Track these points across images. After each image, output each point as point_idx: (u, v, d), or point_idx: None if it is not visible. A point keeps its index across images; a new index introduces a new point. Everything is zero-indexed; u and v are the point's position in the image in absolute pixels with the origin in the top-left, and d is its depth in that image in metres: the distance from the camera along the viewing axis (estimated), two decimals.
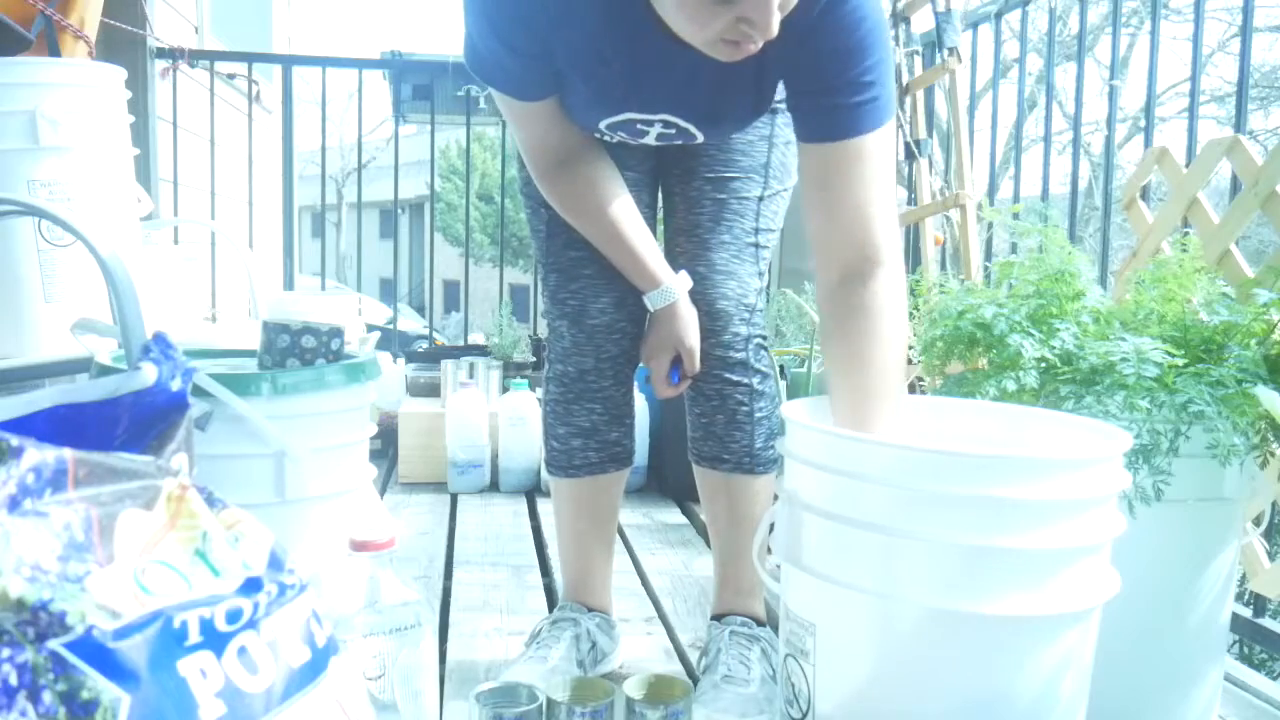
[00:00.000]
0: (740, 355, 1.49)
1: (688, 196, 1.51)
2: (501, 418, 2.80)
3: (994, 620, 1.00)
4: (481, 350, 3.41)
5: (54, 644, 0.65)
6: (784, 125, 1.49)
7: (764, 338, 1.52)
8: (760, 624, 1.55)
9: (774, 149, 1.50)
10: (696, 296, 1.47)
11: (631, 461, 1.63)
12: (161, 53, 3.53)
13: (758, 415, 1.51)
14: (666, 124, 1.38)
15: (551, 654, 1.49)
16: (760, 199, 1.50)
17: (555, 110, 1.39)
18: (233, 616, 0.74)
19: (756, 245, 1.50)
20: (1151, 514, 1.20)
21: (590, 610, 1.59)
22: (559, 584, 1.73)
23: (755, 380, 1.50)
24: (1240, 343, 1.30)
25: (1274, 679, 1.68)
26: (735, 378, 1.49)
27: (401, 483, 2.84)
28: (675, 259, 1.51)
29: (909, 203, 2.75)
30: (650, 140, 1.42)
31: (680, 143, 1.45)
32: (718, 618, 1.56)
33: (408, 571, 2.06)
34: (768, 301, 3.38)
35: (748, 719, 1.37)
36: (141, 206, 2.39)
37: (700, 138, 1.42)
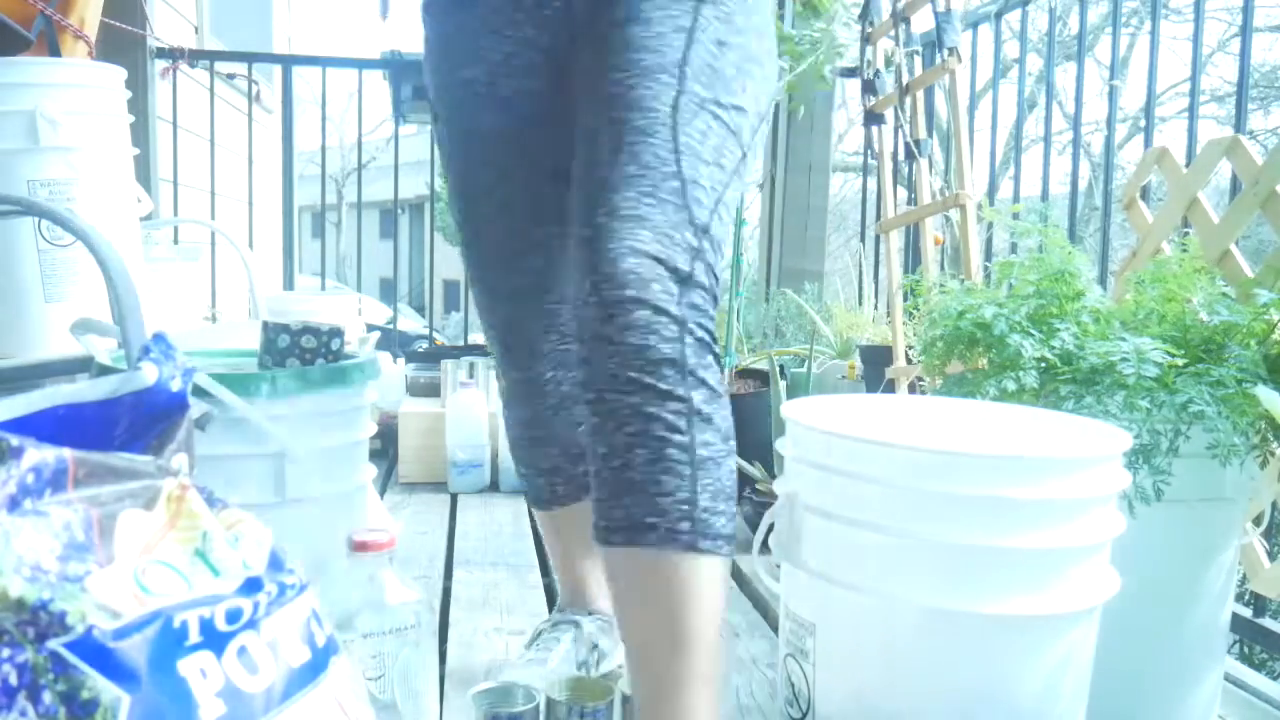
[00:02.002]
0: (667, 351, 0.95)
1: (587, 130, 1.10)
2: (501, 417, 2.79)
3: (994, 620, 1.00)
4: (481, 350, 3.41)
5: (54, 644, 0.65)
6: (713, 19, 1.10)
7: (709, 332, 1.00)
8: None
9: (694, 46, 1.08)
10: (595, 258, 0.97)
11: None
12: (161, 53, 3.53)
13: (700, 453, 0.97)
14: None
15: (552, 655, 1.48)
16: (675, 107, 1.04)
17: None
18: (233, 616, 0.74)
19: (682, 179, 1.01)
20: (1151, 514, 1.20)
21: (591, 613, 1.59)
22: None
23: (696, 395, 0.96)
24: (1240, 343, 1.30)
25: (1274, 679, 1.68)
26: (661, 386, 0.95)
27: (401, 483, 2.84)
28: (571, 224, 1.06)
29: (909, 203, 2.75)
30: None
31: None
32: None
33: (408, 571, 2.05)
34: (767, 301, 3.38)
35: None
36: (141, 206, 2.39)
37: None
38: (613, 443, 0.97)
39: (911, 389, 2.31)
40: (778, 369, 2.44)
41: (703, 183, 1.03)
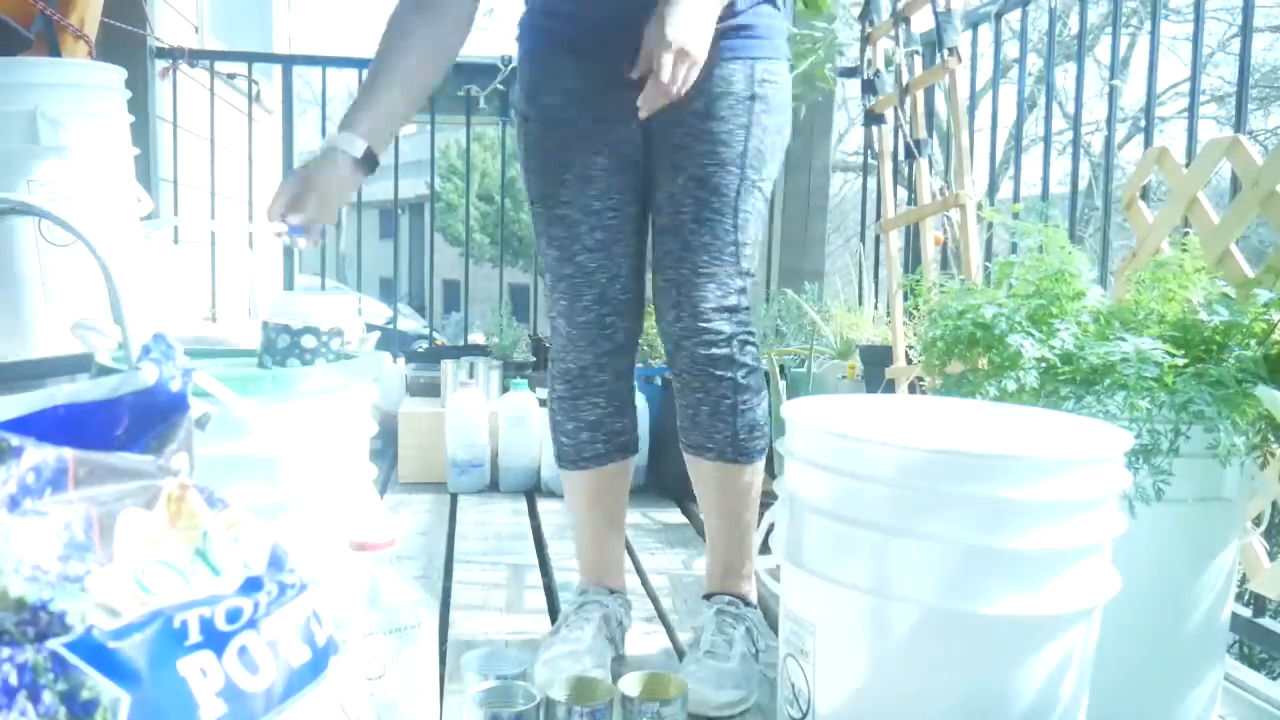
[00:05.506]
0: (724, 351, 1.52)
1: (672, 195, 1.53)
2: (501, 418, 2.80)
3: (994, 620, 1.00)
4: (481, 350, 3.41)
5: (54, 644, 0.65)
6: (761, 112, 1.52)
7: (750, 334, 1.56)
8: (748, 604, 1.62)
9: (751, 137, 1.52)
10: (681, 298, 1.52)
11: (636, 449, 1.71)
12: (161, 53, 3.53)
13: (741, 408, 1.56)
14: None
15: (584, 634, 1.55)
16: (738, 193, 1.52)
17: None
18: (233, 616, 0.74)
19: (737, 244, 1.52)
20: (1151, 514, 1.20)
21: (612, 592, 1.67)
22: (577, 566, 1.74)
23: (740, 374, 1.54)
24: (1240, 343, 1.30)
25: (1274, 679, 1.68)
26: (719, 372, 1.53)
27: (401, 483, 2.84)
28: (661, 258, 1.55)
29: (909, 203, 2.74)
30: None
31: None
32: (707, 597, 1.63)
33: (408, 571, 2.05)
34: (768, 301, 3.38)
35: (723, 690, 1.43)
36: (141, 206, 2.39)
37: None
38: (690, 400, 1.57)
39: (911, 389, 2.31)
40: (778, 369, 2.44)
41: (748, 241, 1.54)
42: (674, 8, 1.33)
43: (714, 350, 1.52)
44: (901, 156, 2.77)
